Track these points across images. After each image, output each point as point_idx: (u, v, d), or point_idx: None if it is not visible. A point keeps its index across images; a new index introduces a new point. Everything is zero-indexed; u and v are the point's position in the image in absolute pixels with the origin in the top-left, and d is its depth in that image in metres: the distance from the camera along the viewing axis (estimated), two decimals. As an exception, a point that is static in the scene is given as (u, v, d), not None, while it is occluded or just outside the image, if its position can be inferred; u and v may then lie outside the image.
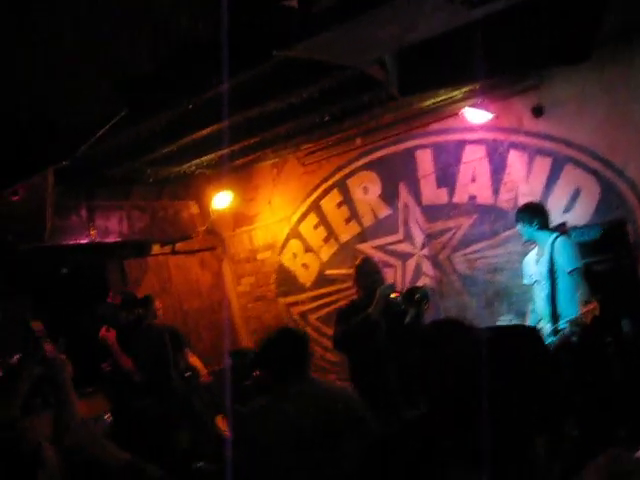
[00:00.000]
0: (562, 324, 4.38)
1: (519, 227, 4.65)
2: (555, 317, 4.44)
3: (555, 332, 4.38)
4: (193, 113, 4.45)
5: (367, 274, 3.98)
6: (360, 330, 3.63)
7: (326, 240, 6.64)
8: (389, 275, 5.99)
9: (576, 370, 4.03)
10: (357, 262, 4.19)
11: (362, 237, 6.41)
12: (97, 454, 2.08)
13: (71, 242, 5.41)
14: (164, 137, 4.90)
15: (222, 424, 4.60)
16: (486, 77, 3.77)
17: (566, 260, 4.40)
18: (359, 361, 3.67)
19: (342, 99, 4.83)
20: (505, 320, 5.49)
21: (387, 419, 2.37)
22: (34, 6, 2.20)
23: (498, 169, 5.64)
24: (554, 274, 4.45)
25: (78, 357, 5.75)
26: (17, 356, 6.27)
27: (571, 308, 4.37)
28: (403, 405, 3.16)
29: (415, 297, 3.52)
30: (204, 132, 4.98)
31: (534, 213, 4.61)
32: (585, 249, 4.61)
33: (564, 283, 4.43)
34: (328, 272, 6.62)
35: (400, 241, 6.06)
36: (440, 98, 5.38)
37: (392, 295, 3.66)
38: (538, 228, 4.56)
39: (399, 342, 3.41)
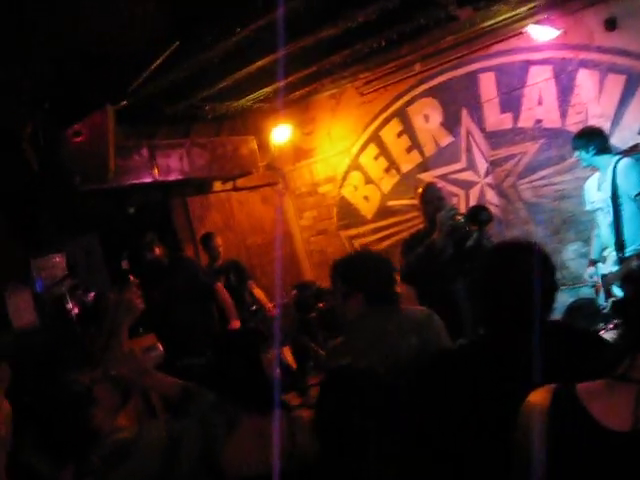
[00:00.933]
0: (628, 252, 4.21)
1: (577, 154, 4.45)
2: (620, 245, 4.26)
3: (620, 261, 4.22)
4: (247, 44, 4.38)
5: (430, 201, 3.86)
6: (426, 258, 3.55)
7: (387, 171, 6.53)
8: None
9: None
10: (419, 190, 4.07)
11: (424, 166, 6.27)
12: (146, 383, 2.16)
13: (135, 181, 5.50)
14: (219, 71, 4.87)
15: (288, 355, 4.68)
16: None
17: (630, 183, 4.17)
18: (428, 290, 3.59)
19: (400, 21, 4.65)
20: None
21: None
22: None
23: (566, 90, 5.35)
24: (617, 199, 4.24)
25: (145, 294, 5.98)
26: (92, 294, 6.57)
27: (637, 236, 4.18)
28: (471, 328, 3.10)
29: (478, 219, 3.41)
30: (259, 64, 4.91)
31: (589, 138, 4.37)
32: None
33: (629, 209, 4.21)
34: (390, 203, 6.54)
35: (463, 169, 5.89)
36: (503, 16, 5.09)
37: (456, 217, 3.55)
38: (595, 153, 4.32)
39: (464, 265, 3.32)
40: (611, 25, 5.07)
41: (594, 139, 4.31)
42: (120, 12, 2.49)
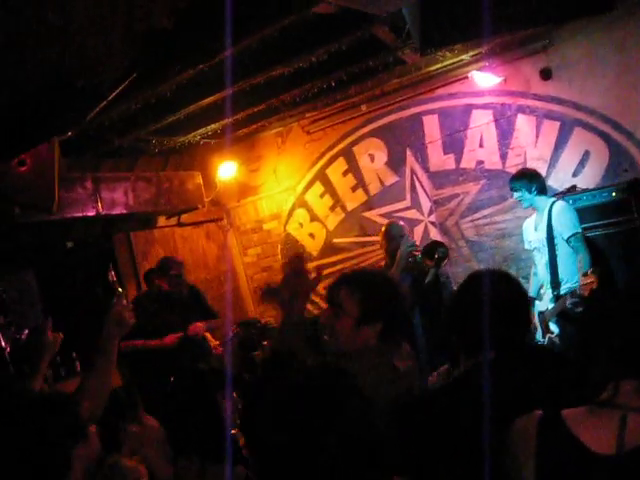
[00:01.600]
0: (563, 290, 4.36)
1: (517, 195, 4.52)
2: (556, 283, 4.41)
3: (556, 298, 4.36)
4: (200, 80, 4.40)
5: (393, 238, 3.93)
6: None
7: (332, 209, 6.61)
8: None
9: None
10: (383, 227, 4.14)
11: (369, 205, 6.38)
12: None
13: (77, 214, 5.36)
14: (170, 105, 4.85)
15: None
16: (507, 31, 3.68)
17: (564, 226, 4.35)
18: None
19: (350, 63, 4.77)
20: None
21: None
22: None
23: (506, 134, 5.60)
24: (553, 240, 4.40)
25: (88, 330, 5.78)
26: (26, 331, 6.29)
27: (572, 274, 4.35)
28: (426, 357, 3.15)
29: (435, 256, 3.49)
30: (210, 99, 4.92)
31: (530, 178, 4.49)
32: (597, 211, 4.60)
33: (563, 249, 4.38)
34: (335, 241, 6.60)
35: (407, 208, 6.02)
36: (447, 62, 5.32)
37: (414, 253, 3.62)
38: (537, 194, 4.48)
39: (423, 300, 3.39)
40: (546, 75, 5.37)
41: (534, 180, 4.47)
42: (84, 45, 2.46)
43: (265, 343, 5.91)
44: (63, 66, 2.68)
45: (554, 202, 4.48)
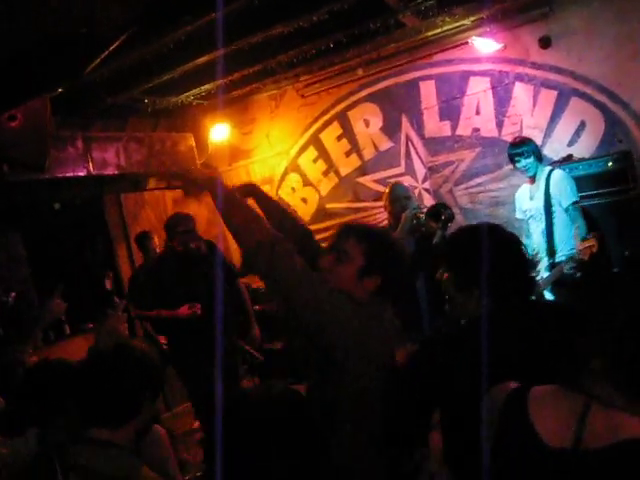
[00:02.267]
0: (558, 258, 4.40)
1: (524, 162, 4.47)
2: (552, 252, 4.45)
3: (552, 266, 4.39)
4: (196, 37, 4.29)
5: (396, 200, 3.91)
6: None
7: (325, 174, 6.57)
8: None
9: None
10: (387, 188, 4.11)
11: (363, 170, 6.35)
12: None
13: (68, 174, 5.25)
14: (165, 63, 4.75)
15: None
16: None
17: (563, 194, 4.37)
18: None
19: (351, 24, 4.69)
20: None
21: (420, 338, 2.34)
22: None
23: (503, 102, 5.57)
24: (551, 208, 4.42)
25: (76, 293, 5.73)
26: (13, 294, 6.22)
27: (568, 242, 4.38)
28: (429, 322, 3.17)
29: (440, 217, 3.48)
30: (205, 58, 4.82)
31: (530, 146, 4.50)
32: (592, 181, 4.62)
33: (560, 217, 4.41)
34: (328, 206, 6.58)
35: (401, 174, 6.00)
36: (447, 27, 5.24)
37: (418, 215, 3.61)
38: (539, 161, 4.52)
39: (429, 262, 3.38)
40: (545, 43, 5.32)
41: (533, 147, 4.49)
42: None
43: (257, 308, 5.91)
44: (63, 15, 2.60)
45: (552, 170, 4.48)
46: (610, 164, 4.69)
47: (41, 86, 3.95)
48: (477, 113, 5.68)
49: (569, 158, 4.99)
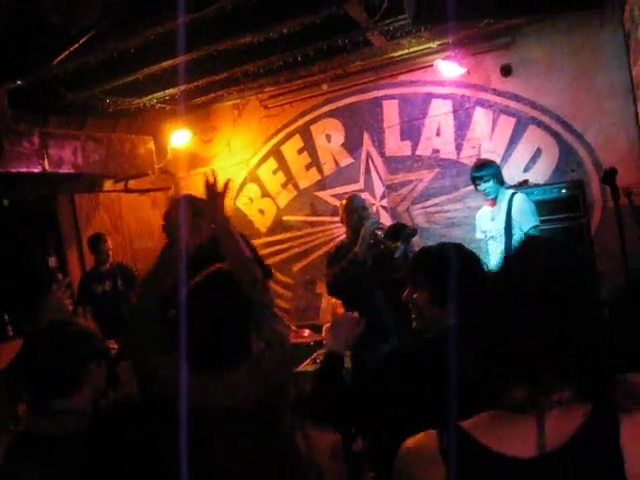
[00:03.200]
0: None
1: (484, 185, 4.54)
2: None
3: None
4: (164, 40, 4.25)
5: (354, 211, 3.92)
6: (350, 270, 3.59)
7: (284, 186, 6.57)
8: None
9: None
10: (343, 200, 4.12)
11: (322, 185, 6.38)
12: None
13: (22, 170, 5.10)
14: (130, 63, 4.68)
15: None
16: (499, 15, 3.70)
17: (524, 217, 4.48)
18: (352, 297, 3.63)
19: (320, 38, 4.73)
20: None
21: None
22: None
23: (463, 125, 5.69)
24: (511, 230, 4.52)
25: (20, 292, 5.54)
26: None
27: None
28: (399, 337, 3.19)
29: (402, 235, 3.50)
30: (170, 62, 4.78)
31: (498, 169, 4.62)
32: (547, 207, 4.76)
33: (520, 239, 4.53)
34: (285, 218, 6.57)
35: (360, 190, 6.03)
36: (413, 49, 5.36)
37: (377, 232, 3.63)
38: (499, 184, 4.62)
39: (389, 277, 3.41)
40: (507, 71, 5.48)
41: (498, 170, 4.60)
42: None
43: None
44: (34, 3, 2.54)
45: (514, 194, 4.58)
46: (564, 191, 4.85)
47: (4, 74, 3.84)
48: (437, 134, 5.79)
49: (525, 183, 5.13)
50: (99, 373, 1.83)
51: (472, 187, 4.79)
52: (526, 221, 4.43)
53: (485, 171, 4.55)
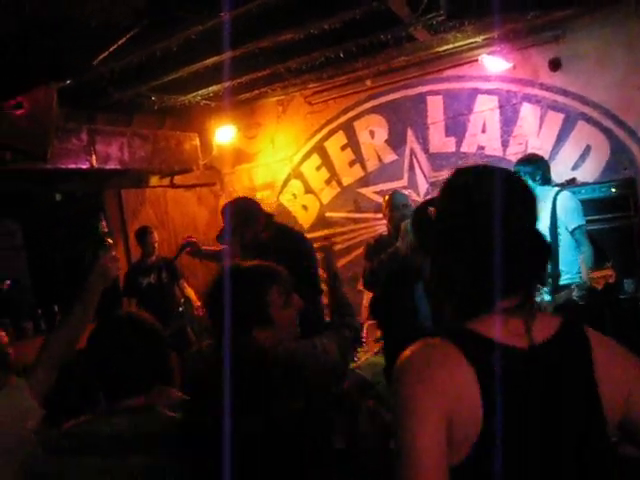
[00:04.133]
0: (563, 281, 4.32)
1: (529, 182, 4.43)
2: (556, 274, 4.39)
3: (555, 289, 4.31)
4: (206, 37, 4.29)
5: (396, 208, 3.88)
6: (390, 265, 3.55)
7: (328, 182, 6.56)
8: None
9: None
10: (386, 196, 4.09)
11: (365, 181, 6.34)
12: None
13: (70, 166, 5.25)
14: (174, 61, 4.75)
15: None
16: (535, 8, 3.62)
17: (569, 216, 4.28)
18: (389, 299, 3.60)
19: (362, 35, 4.70)
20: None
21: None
22: None
23: (509, 121, 5.56)
24: (556, 230, 4.36)
25: (70, 284, 5.69)
26: (8, 282, 6.17)
27: (573, 266, 4.32)
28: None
29: None
30: (213, 59, 4.83)
31: (538, 166, 4.37)
32: (594, 206, 4.59)
33: (566, 240, 4.33)
34: (328, 215, 6.56)
35: (404, 187, 5.96)
36: (458, 43, 5.26)
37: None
38: (541, 183, 4.40)
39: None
40: (555, 65, 5.32)
41: (540, 169, 4.38)
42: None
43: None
44: (78, 3, 2.60)
45: (559, 192, 4.42)
46: (613, 190, 4.68)
47: (50, 75, 3.94)
48: (483, 131, 5.67)
49: (572, 181, 4.98)
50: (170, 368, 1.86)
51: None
52: (571, 220, 4.25)
53: (518, 166, 4.35)
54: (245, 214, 3.72)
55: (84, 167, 5.28)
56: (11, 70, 3.99)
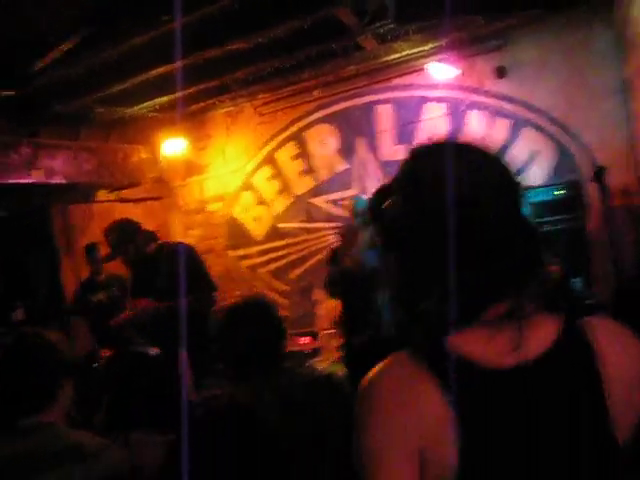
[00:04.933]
0: None
1: None
2: None
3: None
4: (153, 47, 4.22)
5: (355, 214, 3.92)
6: (351, 271, 3.57)
7: (280, 193, 6.52)
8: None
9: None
10: (351, 202, 4.14)
11: (317, 191, 6.33)
12: None
13: (12, 181, 5.07)
14: (119, 72, 4.65)
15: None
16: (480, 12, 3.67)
17: None
18: (350, 304, 3.60)
19: (310, 44, 4.69)
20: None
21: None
22: None
23: (457, 128, 5.64)
24: None
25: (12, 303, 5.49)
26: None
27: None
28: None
29: None
30: (160, 70, 4.75)
31: None
32: (543, 208, 4.69)
33: None
34: (281, 225, 6.52)
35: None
36: (405, 52, 5.32)
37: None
38: None
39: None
40: (501, 73, 5.44)
41: None
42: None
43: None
44: (9, 14, 2.50)
45: None
46: (560, 192, 4.80)
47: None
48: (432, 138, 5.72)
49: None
50: (69, 390, 1.84)
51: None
52: None
53: None
54: (122, 231, 4.03)
55: (25, 182, 5.10)
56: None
